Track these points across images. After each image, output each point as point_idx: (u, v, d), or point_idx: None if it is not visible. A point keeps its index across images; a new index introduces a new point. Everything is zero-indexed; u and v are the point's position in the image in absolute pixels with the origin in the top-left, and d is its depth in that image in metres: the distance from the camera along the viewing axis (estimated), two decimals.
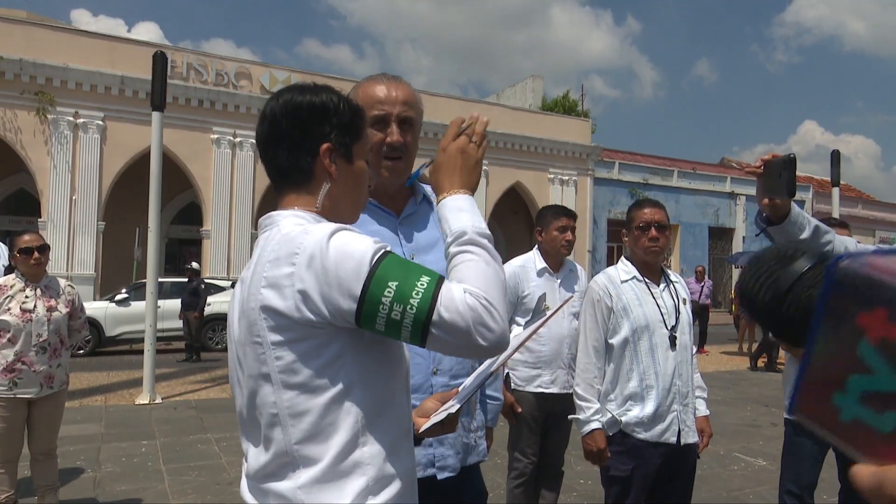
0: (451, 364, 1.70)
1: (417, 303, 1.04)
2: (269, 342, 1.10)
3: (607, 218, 23.87)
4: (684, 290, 2.82)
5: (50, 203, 15.29)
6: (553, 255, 3.51)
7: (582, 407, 2.69)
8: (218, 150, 17.25)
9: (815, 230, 1.73)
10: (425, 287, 1.06)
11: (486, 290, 1.09)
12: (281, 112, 1.23)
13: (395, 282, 1.05)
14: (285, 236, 1.13)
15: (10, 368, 3.54)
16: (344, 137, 1.25)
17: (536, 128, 22.27)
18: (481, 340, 1.05)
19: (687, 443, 2.62)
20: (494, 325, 1.06)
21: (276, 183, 1.27)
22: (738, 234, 26.72)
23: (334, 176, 1.24)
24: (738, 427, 6.88)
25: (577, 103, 33.21)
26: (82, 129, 15.66)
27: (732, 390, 9.18)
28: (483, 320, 1.06)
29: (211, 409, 7.39)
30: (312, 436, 1.10)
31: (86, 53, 15.76)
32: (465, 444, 1.75)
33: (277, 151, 1.24)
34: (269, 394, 1.12)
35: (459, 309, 1.05)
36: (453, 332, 1.05)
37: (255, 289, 1.12)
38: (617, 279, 2.73)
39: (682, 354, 2.65)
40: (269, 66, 18.40)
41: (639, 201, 2.83)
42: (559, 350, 3.41)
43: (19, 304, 3.58)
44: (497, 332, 1.07)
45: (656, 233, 2.67)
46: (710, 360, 12.36)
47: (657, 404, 2.58)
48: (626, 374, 2.63)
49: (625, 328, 2.63)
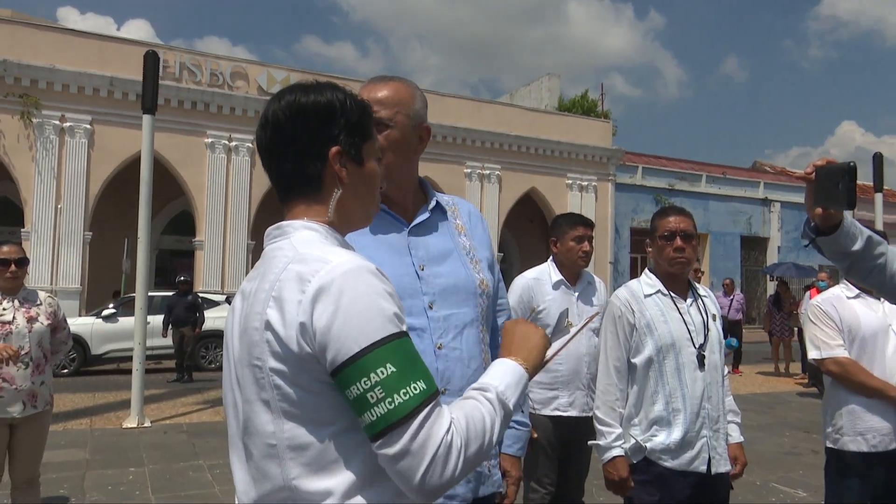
0: (461, 383, 1.69)
1: (399, 402, 1.03)
2: (268, 367, 1.09)
3: (630, 227, 23.82)
4: (714, 305, 2.80)
5: (34, 212, 15.44)
6: (569, 267, 3.50)
7: (602, 432, 2.66)
8: (212, 155, 17.38)
9: (867, 241, 1.71)
10: (418, 392, 1.04)
11: (470, 441, 1.08)
12: (284, 115, 1.21)
13: (393, 367, 1.04)
14: (300, 256, 1.11)
15: None
16: (353, 138, 1.24)
17: (553, 130, 22.30)
18: (426, 477, 1.02)
19: (718, 472, 2.59)
20: (448, 476, 1.04)
21: (283, 192, 1.25)
22: (772, 243, 26.56)
23: (345, 181, 1.23)
24: (775, 455, 6.79)
25: (596, 103, 33.25)
26: (69, 134, 15.84)
27: (769, 414, 9.08)
28: (447, 462, 1.04)
29: (204, 433, 7.39)
30: (313, 472, 1.08)
31: (73, 53, 15.97)
32: (477, 472, 1.74)
33: (283, 158, 1.22)
34: (267, 422, 1.10)
35: (435, 436, 1.04)
36: (409, 451, 1.02)
37: (261, 307, 1.11)
38: (640, 293, 2.71)
39: (711, 375, 2.62)
40: (266, 65, 18.56)
41: (664, 209, 2.82)
42: (578, 370, 3.39)
43: None
44: (443, 483, 1.04)
45: (682, 242, 2.65)
46: (744, 381, 12.23)
47: (685, 430, 2.55)
48: (651, 396, 2.60)
49: (649, 346, 2.61)
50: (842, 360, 2.91)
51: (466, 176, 20.86)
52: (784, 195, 26.92)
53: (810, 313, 3.06)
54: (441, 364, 1.68)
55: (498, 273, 1.98)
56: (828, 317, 2.99)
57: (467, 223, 1.90)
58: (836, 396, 2.98)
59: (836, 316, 2.98)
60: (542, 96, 27.35)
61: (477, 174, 21.00)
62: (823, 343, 2.97)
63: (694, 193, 24.82)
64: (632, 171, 24.20)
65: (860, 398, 2.88)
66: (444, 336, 1.70)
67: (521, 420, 2.06)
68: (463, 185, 20.64)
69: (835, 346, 2.94)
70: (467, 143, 20.79)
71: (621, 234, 23.69)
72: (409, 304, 1.65)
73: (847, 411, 2.92)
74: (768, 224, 26.59)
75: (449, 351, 1.70)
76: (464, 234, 1.86)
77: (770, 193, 26.65)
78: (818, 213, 1.69)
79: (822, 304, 3.04)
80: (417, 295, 1.68)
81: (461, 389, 1.69)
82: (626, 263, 23.82)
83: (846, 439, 2.91)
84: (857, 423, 2.89)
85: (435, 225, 1.81)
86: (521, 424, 2.06)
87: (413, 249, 1.73)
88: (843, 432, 2.93)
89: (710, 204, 25.27)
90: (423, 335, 1.67)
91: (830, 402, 3.02)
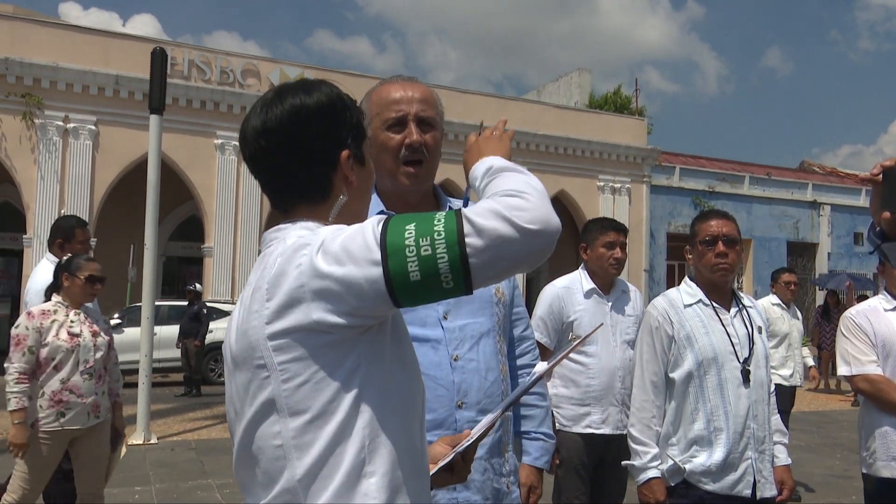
0: (478, 396, 1.70)
1: (443, 226, 1.06)
2: (275, 363, 1.12)
3: (667, 232, 23.64)
4: (759, 317, 2.78)
5: (36, 218, 15.69)
6: (601, 275, 3.49)
7: (638, 452, 2.65)
8: (222, 157, 17.59)
9: None
10: (445, 216, 1.08)
11: (512, 186, 1.13)
12: (289, 120, 1.22)
13: (411, 224, 1.08)
14: (289, 247, 1.15)
15: (56, 399, 3.76)
16: (357, 139, 1.28)
17: (583, 128, 22.24)
18: (526, 224, 1.05)
19: (764, 496, 2.57)
20: (529, 205, 1.07)
21: (284, 201, 1.28)
22: (822, 249, 26.21)
23: (355, 185, 1.26)
24: (825, 478, 6.70)
25: (630, 100, 33.13)
26: (72, 135, 16.10)
27: (818, 434, 8.95)
28: (516, 205, 1.07)
29: (212, 450, 7.46)
30: (318, 469, 1.11)
31: (77, 51, 16.24)
32: (494, 489, 1.75)
33: (286, 164, 1.24)
34: (273, 423, 1.14)
35: (486, 207, 1.07)
36: (494, 232, 1.05)
37: (259, 305, 1.14)
38: (679, 303, 2.70)
39: (757, 392, 2.60)
40: (279, 61, 18.75)
41: (704, 212, 2.81)
42: (611, 384, 3.37)
43: (66, 328, 3.84)
44: (539, 209, 1.07)
45: (724, 248, 2.64)
46: None
47: (728, 450, 2.53)
48: (691, 414, 2.59)
49: (688, 360, 2.59)
50: (873, 378, 2.86)
51: None
52: (834, 197, 26.57)
53: (842, 326, 3.01)
54: (458, 376, 1.69)
55: (514, 280, 1.99)
56: (861, 330, 2.94)
57: None
58: (868, 417, 2.93)
59: (870, 329, 2.93)
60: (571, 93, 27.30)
61: None
62: (854, 359, 2.92)
63: (736, 196, 24.59)
64: (668, 173, 24.04)
65: (893, 419, 2.82)
66: (460, 347, 1.72)
67: (548, 432, 2.07)
68: None
69: (866, 363, 2.89)
70: None
71: (657, 239, 23.52)
72: (422, 315, 1.67)
73: (880, 434, 2.86)
74: (817, 229, 26.24)
75: (465, 362, 1.71)
76: None
77: (819, 195, 26.30)
78: (886, 218, 1.67)
79: (855, 316, 2.98)
80: (431, 305, 1.69)
81: (479, 403, 1.70)
82: (663, 271, 23.64)
83: (879, 464, 2.85)
84: (890, 447, 2.83)
85: None
86: (549, 437, 2.07)
87: None
88: (876, 456, 2.87)
89: (754, 207, 25.01)
90: (438, 346, 1.69)
91: (864, 423, 2.97)
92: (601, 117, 23.79)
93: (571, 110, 23.38)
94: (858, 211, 26.76)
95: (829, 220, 26.27)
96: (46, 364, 3.75)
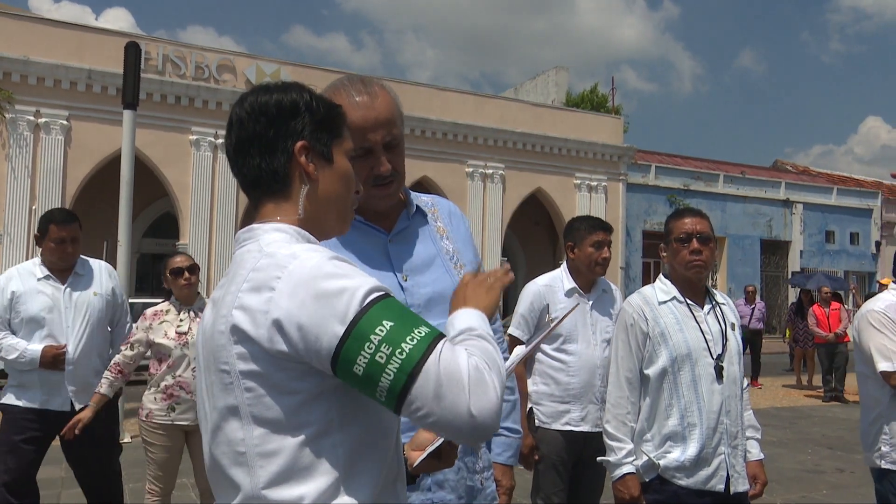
0: None
1: (409, 349, 1.05)
2: (237, 371, 1.11)
3: (642, 230, 23.84)
4: (733, 314, 2.81)
5: (6, 214, 15.46)
6: (585, 274, 3.50)
7: (612, 448, 2.67)
8: (197, 153, 17.42)
9: None
10: (424, 335, 1.06)
11: (490, 361, 1.10)
12: (248, 115, 1.27)
13: (390, 322, 1.06)
14: (269, 257, 1.14)
15: (168, 393, 3.98)
16: (321, 134, 1.28)
17: (560, 126, 22.34)
18: (474, 409, 1.03)
19: (737, 491, 2.59)
20: (493, 395, 1.05)
21: (251, 193, 1.30)
22: (794, 247, 26.59)
23: (313, 176, 1.26)
24: (797, 473, 6.79)
25: (606, 98, 33.32)
26: (44, 130, 15.86)
27: (790, 430, 9.07)
28: (485, 382, 1.05)
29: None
30: (284, 479, 1.10)
31: (49, 44, 15.99)
32: (468, 486, 1.75)
33: (248, 157, 1.27)
34: (236, 429, 1.13)
35: (460, 363, 1.05)
36: (444, 390, 1.03)
37: (227, 310, 1.14)
38: (654, 300, 2.71)
39: (730, 388, 2.62)
40: (255, 57, 18.61)
41: (678, 210, 2.83)
42: (590, 382, 3.39)
43: (174, 327, 4.01)
44: (493, 406, 1.05)
45: (699, 245, 2.66)
46: (763, 394, 12.23)
47: (701, 446, 2.55)
48: (665, 410, 2.61)
49: (663, 357, 2.61)
50: None
51: (468, 175, 20.87)
52: (807, 196, 26.95)
53: (872, 320, 2.92)
54: None
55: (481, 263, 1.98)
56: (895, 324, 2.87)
57: (448, 224, 1.92)
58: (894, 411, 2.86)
59: None
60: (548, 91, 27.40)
61: (479, 173, 21.01)
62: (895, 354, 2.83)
63: (710, 194, 24.85)
64: (644, 171, 24.23)
65: None
66: None
67: (512, 427, 2.07)
68: (464, 185, 20.67)
69: None
70: (469, 141, 20.80)
71: (633, 237, 23.71)
72: None
73: None
74: (790, 227, 26.61)
75: None
76: (446, 236, 1.88)
77: (792, 194, 26.67)
78: None
79: (886, 310, 2.92)
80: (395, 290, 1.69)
81: None
82: (638, 269, 23.84)
83: None
84: None
85: (416, 231, 1.82)
86: (512, 432, 2.07)
87: (395, 260, 1.75)
88: None
89: (728, 205, 25.29)
90: None
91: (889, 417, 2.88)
92: (578, 116, 23.89)
93: (548, 108, 23.45)
94: (830, 209, 27.18)
95: (801, 218, 26.65)
96: (160, 361, 4.00)
